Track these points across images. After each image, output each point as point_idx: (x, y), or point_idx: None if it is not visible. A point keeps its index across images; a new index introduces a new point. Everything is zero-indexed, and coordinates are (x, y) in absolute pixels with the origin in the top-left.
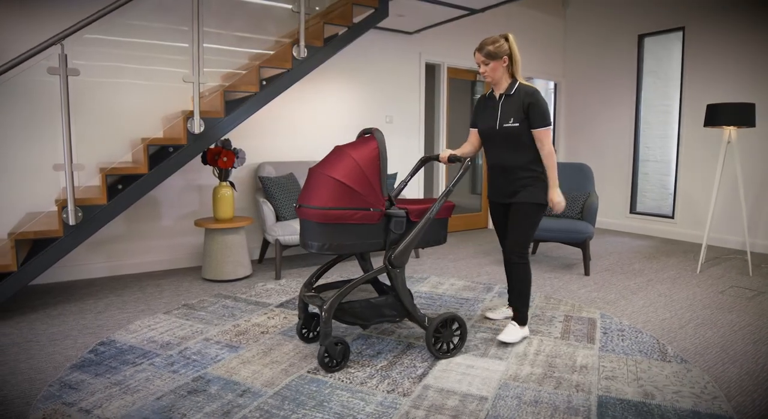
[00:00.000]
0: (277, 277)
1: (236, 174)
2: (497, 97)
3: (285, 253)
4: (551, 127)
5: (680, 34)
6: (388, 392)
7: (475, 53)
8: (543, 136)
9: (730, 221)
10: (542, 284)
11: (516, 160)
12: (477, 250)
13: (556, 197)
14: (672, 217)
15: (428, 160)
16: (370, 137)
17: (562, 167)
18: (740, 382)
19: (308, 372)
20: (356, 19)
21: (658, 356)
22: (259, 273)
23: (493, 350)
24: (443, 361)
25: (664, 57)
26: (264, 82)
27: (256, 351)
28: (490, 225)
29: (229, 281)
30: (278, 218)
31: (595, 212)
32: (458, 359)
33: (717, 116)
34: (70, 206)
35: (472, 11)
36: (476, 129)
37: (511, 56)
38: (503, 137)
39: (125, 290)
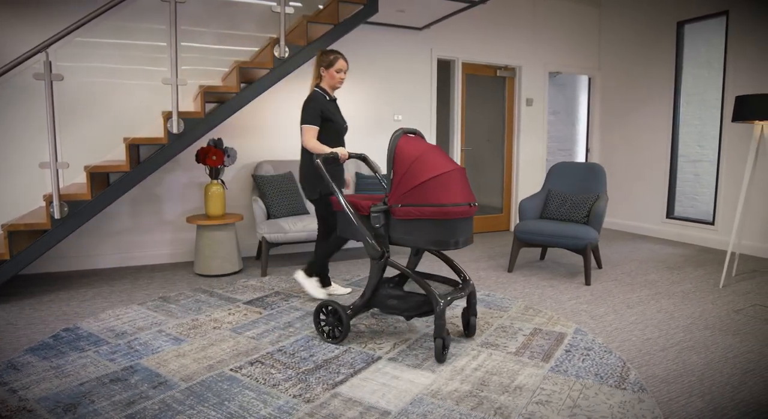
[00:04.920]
0: (263, 274)
1: (236, 172)
2: (336, 101)
3: (278, 251)
4: None
5: (723, 19)
6: (294, 396)
7: (340, 59)
8: None
9: None
10: (530, 293)
11: None
12: (483, 254)
13: None
14: (712, 223)
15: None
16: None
17: (570, 166)
18: None
19: (231, 369)
20: (345, 17)
21: (614, 381)
22: (249, 270)
23: (429, 362)
24: (371, 369)
25: (718, 46)
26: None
27: (197, 345)
28: (512, 227)
29: (217, 276)
30: (269, 216)
31: (601, 216)
32: (388, 368)
33: (746, 109)
34: (55, 201)
35: (473, 3)
36: (317, 127)
37: None
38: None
39: (119, 281)
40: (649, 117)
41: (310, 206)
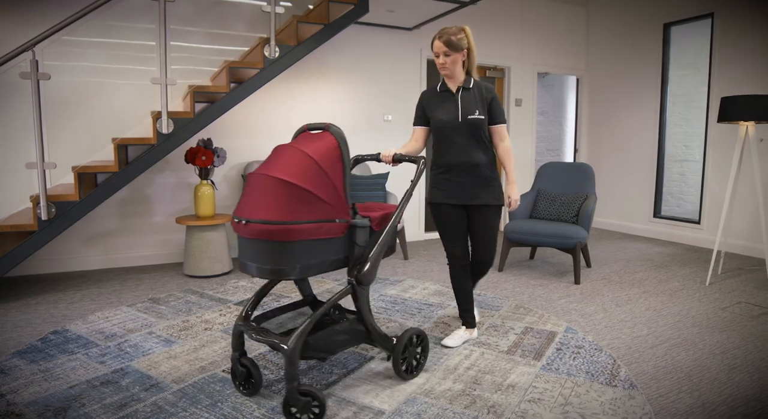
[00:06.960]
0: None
1: (226, 173)
2: (454, 90)
3: None
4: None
5: (709, 21)
6: None
7: (434, 41)
8: (504, 131)
9: (757, 227)
10: (520, 293)
11: (479, 156)
12: None
13: (516, 194)
14: (698, 222)
15: (362, 160)
16: (323, 133)
17: (559, 167)
18: (687, 417)
19: (223, 370)
20: (336, 17)
21: (604, 379)
22: (240, 271)
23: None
24: (364, 369)
25: (703, 47)
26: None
27: (188, 346)
28: (502, 227)
29: (207, 277)
30: None
31: (590, 216)
32: (381, 367)
33: (732, 109)
34: (42, 202)
35: (463, 4)
36: (421, 127)
37: (469, 50)
38: (466, 129)
39: (107, 283)
40: (636, 117)
41: None
